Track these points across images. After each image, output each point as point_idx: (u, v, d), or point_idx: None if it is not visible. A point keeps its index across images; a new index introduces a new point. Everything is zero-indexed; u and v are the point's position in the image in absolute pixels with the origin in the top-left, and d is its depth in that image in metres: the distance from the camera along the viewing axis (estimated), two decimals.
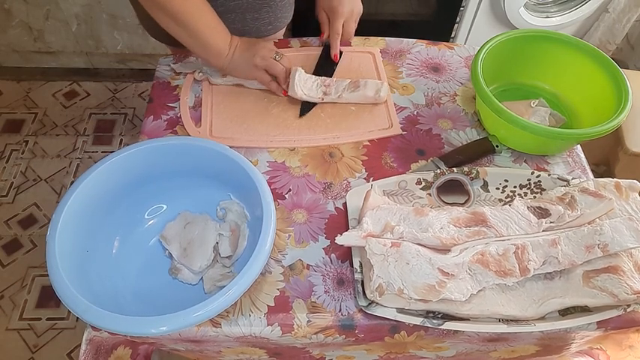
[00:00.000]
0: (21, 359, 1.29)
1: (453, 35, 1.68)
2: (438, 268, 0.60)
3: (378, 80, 0.85)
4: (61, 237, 0.58)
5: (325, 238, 0.70)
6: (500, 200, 0.74)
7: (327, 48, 0.92)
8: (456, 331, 0.63)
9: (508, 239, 0.63)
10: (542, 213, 0.66)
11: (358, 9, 0.91)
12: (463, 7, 1.58)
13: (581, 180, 0.72)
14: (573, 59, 0.83)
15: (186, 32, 0.75)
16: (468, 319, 0.61)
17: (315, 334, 0.62)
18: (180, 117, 0.82)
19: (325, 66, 0.90)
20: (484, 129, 0.83)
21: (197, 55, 0.82)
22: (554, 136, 0.72)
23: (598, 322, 0.63)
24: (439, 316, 0.61)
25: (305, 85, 0.82)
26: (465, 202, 0.73)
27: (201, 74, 0.86)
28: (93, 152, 1.73)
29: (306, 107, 0.84)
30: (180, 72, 0.88)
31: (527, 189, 0.74)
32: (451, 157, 0.77)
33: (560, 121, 0.83)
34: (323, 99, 0.83)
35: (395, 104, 0.86)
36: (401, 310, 0.60)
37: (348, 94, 0.83)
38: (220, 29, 0.78)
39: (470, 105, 0.87)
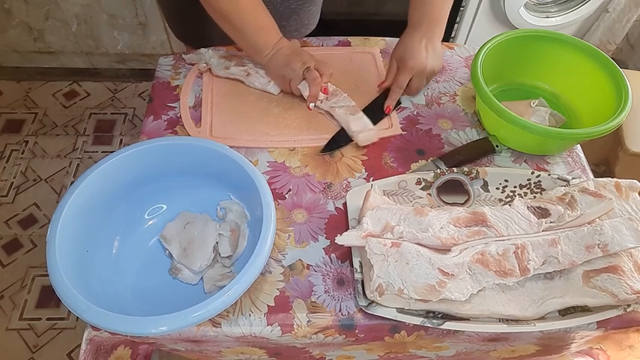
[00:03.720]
0: (21, 359, 1.29)
1: (453, 35, 1.68)
2: (438, 268, 0.60)
3: (372, 125, 0.78)
4: (61, 237, 0.58)
5: (325, 238, 0.70)
6: (501, 200, 0.74)
7: (382, 95, 0.85)
8: (456, 331, 0.63)
9: (508, 239, 0.63)
10: (542, 213, 0.66)
11: (432, 67, 0.82)
12: (463, 7, 1.58)
13: (581, 180, 0.72)
14: (573, 59, 0.83)
15: (230, 29, 0.80)
16: (468, 319, 0.61)
17: (315, 334, 0.62)
18: (180, 117, 0.82)
19: (373, 111, 0.83)
20: (484, 129, 0.83)
21: (241, 47, 0.86)
22: (554, 136, 0.72)
23: (598, 322, 0.63)
24: (439, 316, 0.61)
25: None
26: (465, 202, 0.73)
27: (204, 65, 0.87)
28: (93, 152, 1.73)
29: (331, 145, 0.79)
30: (181, 71, 0.88)
31: (527, 189, 0.74)
32: (451, 157, 0.77)
33: (560, 121, 0.83)
34: (321, 102, 0.82)
35: None
36: (401, 310, 0.60)
37: (339, 112, 0.80)
38: (266, 30, 0.80)
39: (470, 105, 0.87)
